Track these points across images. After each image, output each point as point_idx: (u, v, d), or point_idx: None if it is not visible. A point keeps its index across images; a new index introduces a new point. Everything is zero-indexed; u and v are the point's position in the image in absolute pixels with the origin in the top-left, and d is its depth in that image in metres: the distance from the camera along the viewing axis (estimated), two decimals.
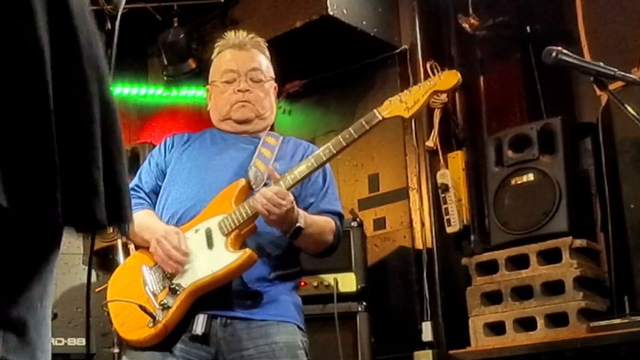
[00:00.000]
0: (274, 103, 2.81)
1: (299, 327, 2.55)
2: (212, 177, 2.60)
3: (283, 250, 2.56)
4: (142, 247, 2.62)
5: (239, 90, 2.69)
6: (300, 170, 2.50)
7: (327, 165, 2.70)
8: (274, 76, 2.80)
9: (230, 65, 2.73)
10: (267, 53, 2.81)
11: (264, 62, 2.77)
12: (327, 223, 2.61)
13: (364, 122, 2.53)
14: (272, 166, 2.55)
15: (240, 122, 2.71)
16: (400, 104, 2.54)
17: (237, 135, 2.73)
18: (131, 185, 2.73)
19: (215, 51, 2.83)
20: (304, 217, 2.49)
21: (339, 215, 2.68)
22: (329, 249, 2.66)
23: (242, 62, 2.73)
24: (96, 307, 5.28)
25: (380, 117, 2.53)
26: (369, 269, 4.27)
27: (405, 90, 2.58)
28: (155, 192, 2.71)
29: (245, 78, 2.70)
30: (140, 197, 2.71)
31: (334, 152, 2.51)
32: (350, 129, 2.53)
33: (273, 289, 2.52)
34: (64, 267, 5.23)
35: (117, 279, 2.68)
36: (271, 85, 2.78)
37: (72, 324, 5.17)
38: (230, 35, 2.80)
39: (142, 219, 2.61)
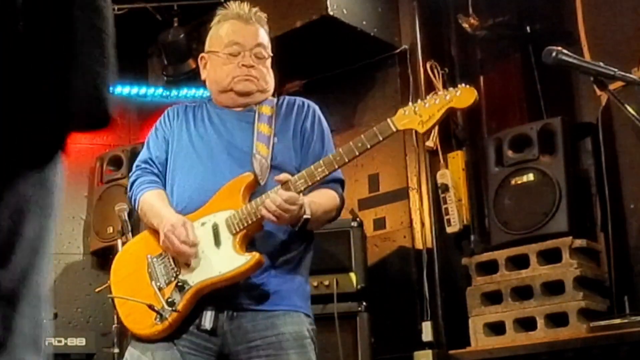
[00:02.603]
0: (273, 75, 2.78)
1: (305, 314, 2.55)
2: (214, 166, 2.58)
3: (289, 239, 2.55)
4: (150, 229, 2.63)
5: (243, 65, 2.66)
6: (312, 175, 2.47)
7: (326, 130, 2.69)
8: (271, 52, 2.77)
9: (235, 38, 2.69)
10: (267, 27, 2.78)
11: (265, 38, 2.74)
12: (331, 200, 2.60)
13: (377, 133, 2.48)
14: (282, 176, 2.51)
15: (241, 95, 2.69)
16: (415, 116, 2.49)
17: (232, 111, 2.70)
18: (142, 158, 2.73)
19: (216, 19, 2.78)
20: (309, 207, 2.48)
21: (340, 183, 2.67)
22: (330, 221, 2.67)
23: (249, 36, 2.69)
24: (96, 307, 5.30)
25: (394, 129, 2.49)
26: (369, 269, 4.27)
27: (419, 101, 2.52)
28: (166, 164, 2.70)
29: (250, 53, 2.67)
30: (154, 173, 2.69)
31: (346, 160, 2.49)
32: (363, 137, 2.49)
33: (279, 279, 2.52)
34: (64, 267, 5.23)
35: (120, 264, 2.68)
36: (270, 62, 2.76)
37: (72, 324, 5.17)
38: (234, 5, 2.75)
39: (152, 202, 2.61)
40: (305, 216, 2.45)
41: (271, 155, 2.57)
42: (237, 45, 2.68)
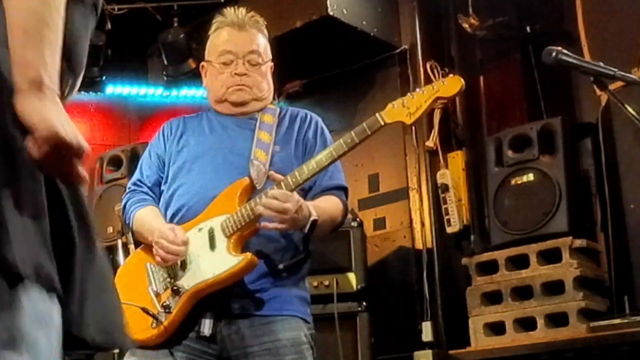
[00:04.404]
0: (271, 82, 2.77)
1: (304, 320, 2.54)
2: (213, 173, 2.58)
3: (287, 241, 2.55)
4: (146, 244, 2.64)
5: (236, 74, 2.65)
6: (300, 172, 2.47)
7: (329, 142, 2.68)
8: (270, 56, 2.75)
9: (228, 46, 2.67)
10: (266, 32, 2.76)
11: (262, 44, 2.71)
12: (335, 206, 2.60)
13: (366, 127, 2.49)
14: (271, 172, 2.52)
15: (236, 105, 2.69)
16: (403, 109, 2.50)
17: (233, 118, 2.69)
18: (133, 180, 2.75)
19: (213, 27, 2.76)
20: (315, 210, 2.48)
21: (344, 189, 2.68)
22: (336, 228, 2.67)
23: (241, 44, 2.67)
24: None
25: (382, 123, 2.49)
26: (369, 269, 4.27)
27: (408, 94, 2.54)
28: (158, 184, 2.71)
29: (243, 61, 2.65)
30: (143, 192, 2.70)
31: (335, 156, 2.49)
32: (352, 132, 2.49)
33: (277, 284, 2.51)
34: None
35: (123, 274, 2.70)
36: (268, 67, 2.74)
37: None
38: (229, 12, 2.72)
39: (143, 218, 2.62)
40: (312, 218, 2.45)
41: (270, 162, 2.56)
42: (230, 54, 2.67)
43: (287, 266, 2.54)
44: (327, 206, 2.57)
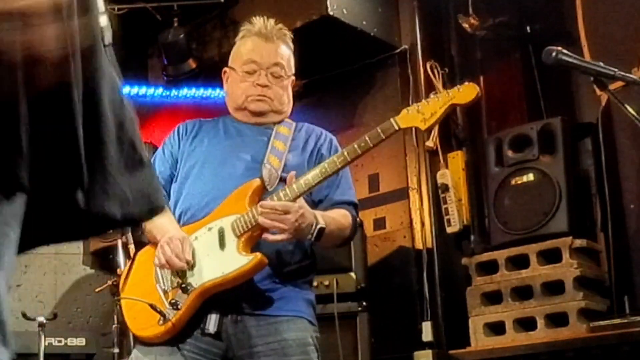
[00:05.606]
0: (291, 96, 2.78)
1: (310, 322, 2.55)
2: (226, 174, 2.59)
3: (294, 246, 2.56)
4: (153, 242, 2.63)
5: (258, 85, 2.67)
6: (314, 175, 2.47)
7: None
8: (293, 70, 2.77)
9: (253, 56, 2.69)
10: (291, 45, 2.78)
11: (286, 57, 2.73)
12: (344, 218, 2.60)
13: (380, 131, 2.49)
14: (291, 173, 2.52)
15: (255, 114, 2.70)
16: (417, 115, 2.51)
17: (250, 126, 2.71)
18: None
19: (240, 35, 2.78)
20: (322, 218, 2.48)
21: (354, 205, 2.68)
22: (346, 241, 2.68)
23: (267, 55, 2.69)
24: (96, 307, 5.30)
25: (396, 127, 2.50)
26: (369, 269, 4.28)
27: (422, 100, 2.55)
28: (170, 181, 2.71)
29: (267, 72, 2.67)
30: None
31: (349, 159, 2.50)
32: (366, 136, 2.49)
33: (284, 285, 2.52)
34: (64, 267, 5.23)
35: (130, 272, 2.70)
36: (290, 81, 2.76)
37: (72, 324, 5.17)
38: (258, 21, 2.74)
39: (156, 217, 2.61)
40: (319, 225, 2.45)
41: (282, 168, 2.57)
42: (254, 64, 2.68)
43: (295, 268, 2.56)
44: (336, 217, 2.57)
